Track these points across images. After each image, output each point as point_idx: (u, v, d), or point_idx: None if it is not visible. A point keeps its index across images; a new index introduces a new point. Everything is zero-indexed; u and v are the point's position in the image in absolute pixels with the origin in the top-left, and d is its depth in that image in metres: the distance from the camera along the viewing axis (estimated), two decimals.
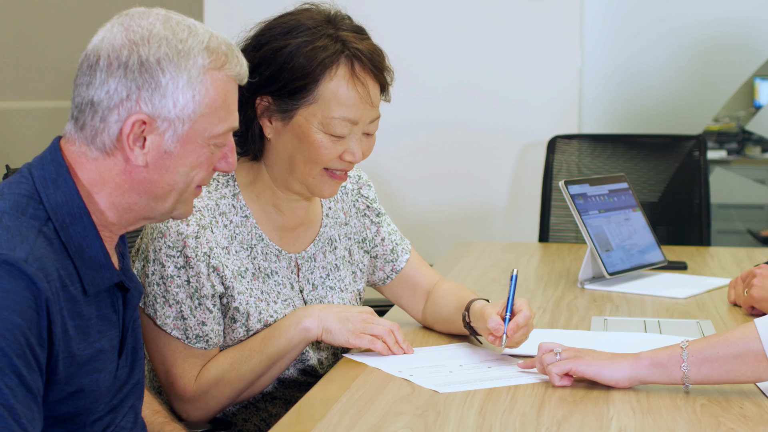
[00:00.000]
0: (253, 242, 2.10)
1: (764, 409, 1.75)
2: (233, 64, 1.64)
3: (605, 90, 4.64)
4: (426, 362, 2.04)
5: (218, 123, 1.62)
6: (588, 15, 4.52)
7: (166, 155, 1.60)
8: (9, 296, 1.44)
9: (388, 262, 2.32)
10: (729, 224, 6.11)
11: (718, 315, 2.48)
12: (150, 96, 1.57)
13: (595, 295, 2.71)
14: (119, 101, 1.57)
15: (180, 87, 1.58)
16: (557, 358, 1.87)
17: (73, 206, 1.58)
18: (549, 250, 3.43)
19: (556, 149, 3.90)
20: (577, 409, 1.76)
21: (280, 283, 2.12)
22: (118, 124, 1.57)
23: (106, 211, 1.61)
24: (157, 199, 1.63)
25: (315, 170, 2.06)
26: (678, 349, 1.81)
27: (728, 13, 4.59)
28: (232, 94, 1.65)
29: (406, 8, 4.45)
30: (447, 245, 4.28)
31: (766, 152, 6.63)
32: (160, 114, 1.58)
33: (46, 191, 1.58)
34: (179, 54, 1.58)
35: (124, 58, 1.57)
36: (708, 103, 4.71)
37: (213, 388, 2.02)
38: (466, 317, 2.16)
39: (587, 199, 2.87)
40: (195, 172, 1.64)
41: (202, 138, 1.61)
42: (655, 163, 3.90)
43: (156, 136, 1.59)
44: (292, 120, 2.04)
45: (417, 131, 4.50)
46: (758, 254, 3.33)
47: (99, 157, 1.60)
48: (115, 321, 1.65)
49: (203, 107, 1.60)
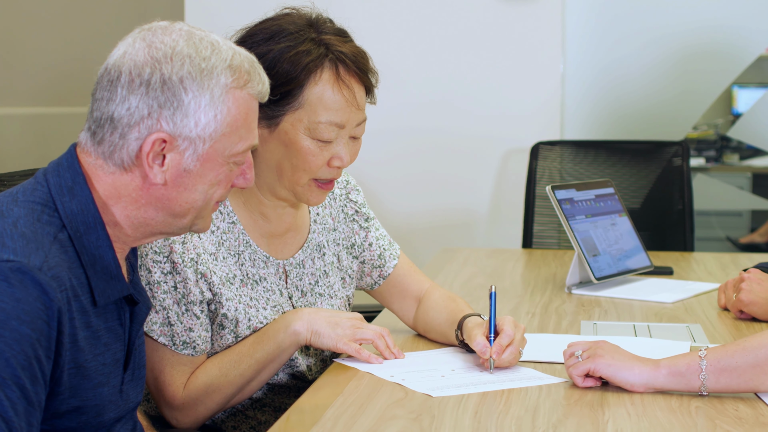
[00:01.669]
0: (240, 248, 2.08)
1: (759, 411, 1.75)
2: (255, 83, 1.63)
3: (587, 96, 4.64)
4: (418, 366, 2.02)
5: (239, 141, 1.61)
6: (570, 22, 4.53)
7: (185, 173, 1.58)
8: (20, 306, 1.42)
9: (375, 267, 2.30)
10: (708, 231, 6.13)
11: (707, 319, 2.48)
12: (172, 115, 1.55)
13: (583, 299, 2.70)
14: (140, 119, 1.55)
15: (202, 106, 1.56)
16: (578, 360, 1.87)
17: (88, 216, 1.56)
18: (534, 256, 3.42)
19: (539, 155, 3.90)
20: (572, 412, 1.75)
21: (269, 290, 2.10)
22: (137, 141, 1.56)
23: (121, 222, 1.60)
24: (175, 216, 1.62)
25: (303, 179, 2.04)
26: (696, 358, 1.79)
27: (709, 20, 4.60)
28: (253, 112, 1.63)
29: (387, 14, 4.44)
30: (429, 252, 4.26)
31: (745, 160, 6.66)
32: (181, 133, 1.56)
33: (62, 199, 1.56)
34: (202, 73, 1.56)
35: (147, 75, 1.55)
36: (689, 110, 4.72)
37: (203, 395, 2.00)
38: (459, 335, 2.14)
39: (574, 204, 2.87)
40: (213, 190, 1.62)
41: (222, 156, 1.60)
42: (637, 169, 3.91)
43: (176, 155, 1.57)
44: (279, 126, 2.02)
45: (399, 138, 4.49)
46: (743, 259, 3.34)
47: (116, 172, 1.58)
48: (120, 334, 1.63)
49: (225, 126, 1.59)
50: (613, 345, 1.89)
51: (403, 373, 1.96)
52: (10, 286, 1.42)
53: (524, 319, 2.46)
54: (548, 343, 2.22)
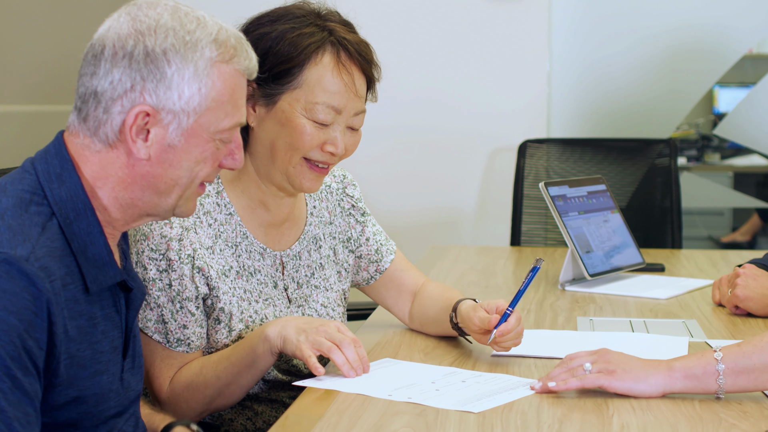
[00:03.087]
0: (237, 240, 2.07)
1: (764, 406, 1.75)
2: (242, 58, 1.60)
3: (573, 95, 4.65)
4: (402, 381, 1.90)
5: (224, 117, 1.59)
6: (556, 20, 4.54)
7: (169, 149, 1.56)
8: (6, 297, 1.40)
9: (372, 262, 2.30)
10: (691, 230, 6.16)
11: (702, 315, 2.48)
12: (155, 87, 1.53)
13: (577, 296, 2.70)
14: (123, 92, 1.53)
15: (186, 79, 1.54)
16: (588, 372, 1.80)
17: (77, 202, 1.54)
18: (524, 254, 3.42)
19: (526, 153, 3.90)
20: (576, 406, 1.75)
21: (262, 282, 2.09)
22: (121, 115, 1.54)
23: (109, 206, 1.58)
24: (160, 195, 1.59)
25: (295, 158, 2.03)
26: (713, 360, 1.76)
27: (694, 19, 4.62)
28: (240, 88, 1.61)
29: (375, 14, 4.43)
30: (416, 249, 4.25)
31: (726, 159, 6.69)
32: (164, 106, 1.54)
33: (51, 186, 1.54)
34: (186, 45, 1.54)
35: (130, 47, 1.53)
36: (674, 109, 4.73)
37: (184, 392, 1.98)
38: (454, 318, 2.14)
39: (567, 200, 2.87)
40: (199, 168, 1.60)
41: (208, 132, 1.58)
42: (624, 167, 3.91)
43: (160, 129, 1.55)
44: (276, 105, 2.02)
45: (386, 136, 4.48)
46: (732, 256, 3.35)
47: (102, 150, 1.56)
48: (117, 322, 1.61)
49: (209, 101, 1.56)
50: (617, 353, 1.83)
51: (395, 389, 1.84)
52: None
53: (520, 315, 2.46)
54: (546, 339, 2.22)
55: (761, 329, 2.34)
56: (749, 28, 4.68)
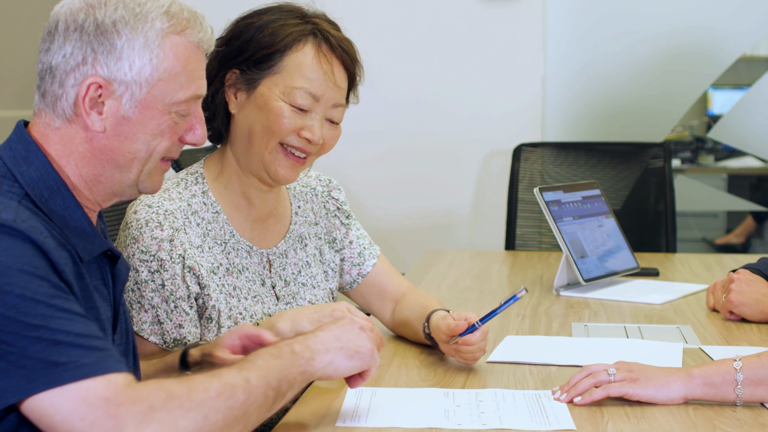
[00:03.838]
0: (226, 237, 2.08)
1: (758, 413, 1.75)
2: (195, 30, 1.61)
3: (568, 98, 4.65)
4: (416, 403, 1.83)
5: (179, 89, 1.60)
6: (551, 23, 4.54)
7: (124, 120, 1.57)
8: (12, 252, 1.41)
9: (354, 265, 2.32)
10: (685, 232, 6.16)
11: (696, 320, 2.48)
12: (105, 59, 1.55)
13: (572, 301, 2.70)
14: (75, 65, 1.55)
15: (136, 50, 1.56)
16: (612, 379, 1.80)
17: (49, 180, 1.56)
18: (519, 258, 3.42)
19: (520, 157, 3.90)
20: (571, 414, 1.75)
21: (250, 280, 2.10)
22: (75, 88, 1.56)
23: (77, 185, 1.59)
24: (120, 169, 1.60)
25: (272, 143, 2.05)
26: (732, 370, 1.77)
27: (689, 22, 4.62)
28: (194, 60, 1.62)
29: (369, 15, 4.43)
30: (411, 253, 4.26)
31: (720, 161, 6.70)
32: (116, 77, 1.55)
33: (19, 169, 1.55)
34: (136, 17, 1.56)
35: (80, 20, 1.55)
36: (669, 111, 4.73)
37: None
38: (426, 328, 2.15)
39: (561, 205, 2.87)
40: (157, 141, 1.60)
41: (162, 104, 1.58)
42: (618, 171, 3.92)
43: (113, 101, 1.56)
44: (256, 90, 2.05)
45: (380, 139, 4.48)
46: (727, 260, 3.35)
47: (62, 127, 1.58)
48: (105, 295, 1.62)
49: (161, 71, 1.57)
50: (635, 363, 1.84)
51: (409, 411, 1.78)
52: None
53: (515, 321, 2.46)
54: (541, 345, 2.22)
55: (755, 335, 2.34)
56: (744, 31, 4.68)
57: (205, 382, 1.47)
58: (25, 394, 1.37)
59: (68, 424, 1.37)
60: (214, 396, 1.46)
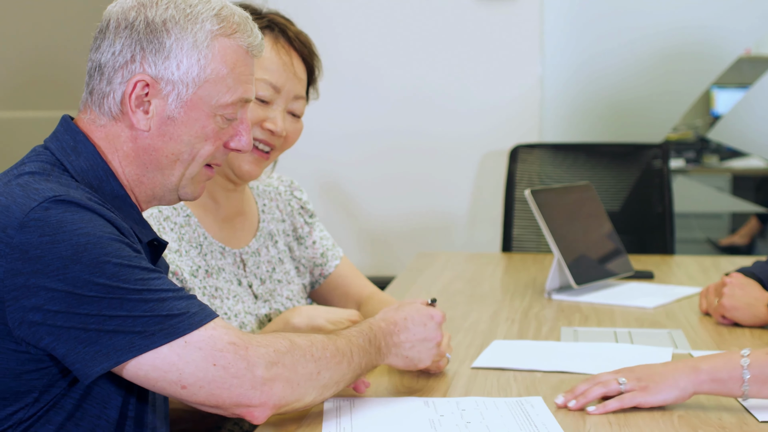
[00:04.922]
0: (200, 240, 2.09)
1: (743, 421, 1.71)
2: (245, 35, 1.62)
3: (565, 98, 4.61)
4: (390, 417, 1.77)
5: (225, 92, 1.60)
6: (548, 23, 4.50)
7: (169, 120, 1.58)
8: (95, 222, 1.45)
9: (317, 265, 2.34)
10: (689, 233, 6.11)
11: (688, 324, 2.45)
12: (154, 57, 1.56)
13: (563, 305, 2.67)
14: (124, 63, 1.57)
15: (185, 49, 1.57)
16: (622, 389, 1.77)
17: (98, 169, 1.57)
18: (513, 260, 3.39)
19: (518, 158, 3.87)
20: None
21: (228, 280, 2.11)
22: (122, 86, 1.57)
23: (121, 182, 1.60)
24: (162, 171, 1.60)
25: None
26: (738, 366, 1.73)
27: (689, 21, 4.58)
28: (242, 64, 1.62)
29: (365, 15, 4.40)
30: (406, 255, 4.23)
31: (724, 161, 6.65)
32: (163, 76, 1.56)
33: (68, 159, 1.56)
34: (187, 17, 1.57)
35: (131, 18, 1.57)
36: (669, 112, 4.69)
37: None
38: None
39: (553, 208, 2.83)
40: (201, 144, 1.61)
41: (208, 106, 1.59)
42: (617, 172, 3.88)
43: (159, 101, 1.57)
44: None
45: (376, 139, 4.45)
46: (723, 262, 3.31)
47: (107, 124, 1.59)
48: None
49: (208, 72, 1.58)
50: (639, 366, 1.81)
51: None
52: (75, 212, 1.44)
53: (504, 325, 2.43)
54: (527, 351, 2.18)
55: (747, 339, 2.31)
56: (744, 29, 4.64)
57: (324, 342, 1.60)
58: (142, 350, 1.43)
59: (200, 372, 1.46)
60: (329, 356, 1.60)
